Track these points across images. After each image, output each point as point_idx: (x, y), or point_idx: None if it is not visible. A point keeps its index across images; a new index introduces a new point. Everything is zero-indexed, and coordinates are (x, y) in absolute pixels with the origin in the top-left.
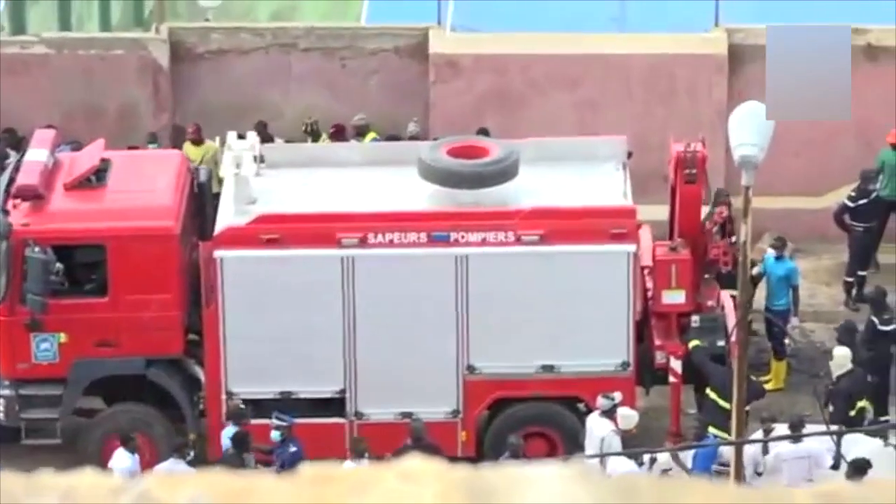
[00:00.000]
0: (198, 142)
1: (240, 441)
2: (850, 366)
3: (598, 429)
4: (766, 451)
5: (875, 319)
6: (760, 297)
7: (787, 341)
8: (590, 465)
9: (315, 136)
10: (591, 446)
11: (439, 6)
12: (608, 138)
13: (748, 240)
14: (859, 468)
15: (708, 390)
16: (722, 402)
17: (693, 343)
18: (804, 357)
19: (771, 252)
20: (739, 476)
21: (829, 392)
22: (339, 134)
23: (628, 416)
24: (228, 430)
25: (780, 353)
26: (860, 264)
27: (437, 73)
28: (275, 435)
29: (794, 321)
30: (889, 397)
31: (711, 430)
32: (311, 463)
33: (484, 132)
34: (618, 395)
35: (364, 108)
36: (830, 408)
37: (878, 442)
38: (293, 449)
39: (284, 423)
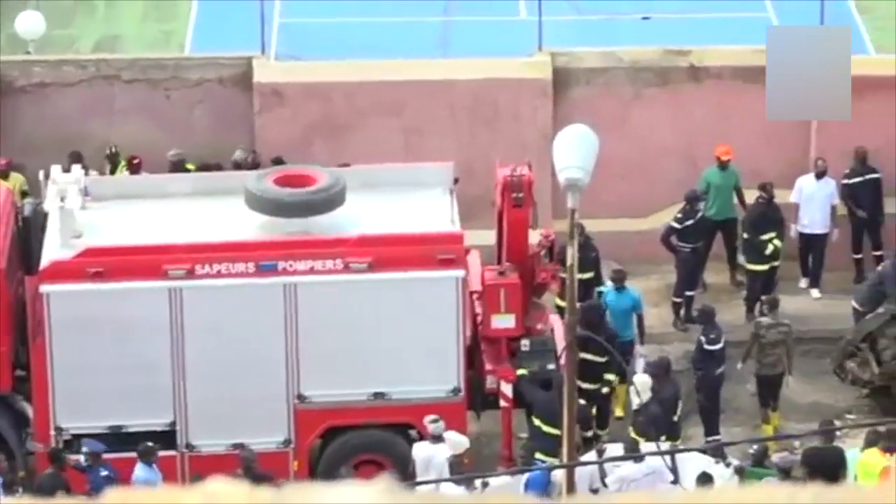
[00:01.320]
0: (4, 174)
1: (55, 458)
2: (650, 394)
3: (439, 454)
4: (603, 474)
5: (703, 339)
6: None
7: (635, 367)
8: (396, 485)
9: (114, 164)
10: (429, 473)
11: (263, 35)
12: (434, 165)
13: (574, 262)
14: (707, 479)
15: (533, 417)
16: (546, 428)
17: (519, 372)
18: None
19: (610, 285)
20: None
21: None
22: (136, 166)
23: (458, 442)
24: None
25: (623, 378)
26: (688, 284)
27: (262, 101)
28: (81, 460)
29: (639, 349)
30: (719, 417)
31: (538, 455)
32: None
33: (279, 162)
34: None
35: (189, 139)
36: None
37: (708, 460)
38: (104, 473)
39: (90, 451)
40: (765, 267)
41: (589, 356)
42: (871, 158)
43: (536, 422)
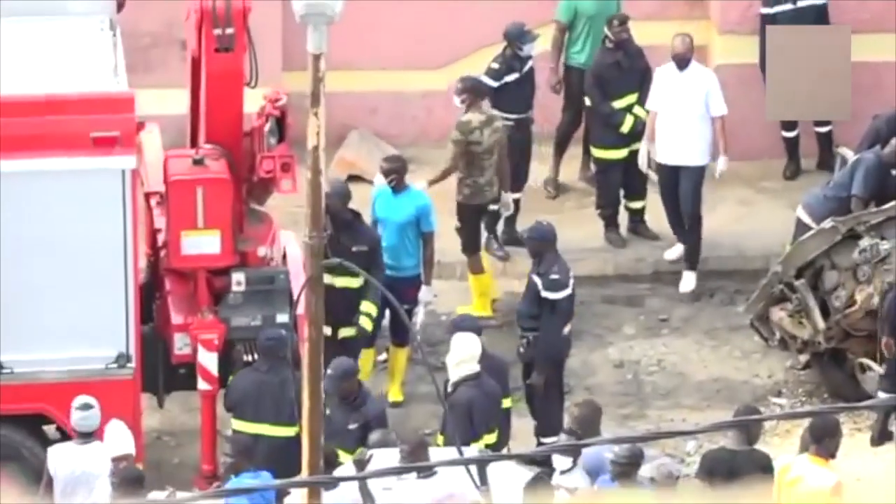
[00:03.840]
0: None
1: None
2: (476, 368)
3: (93, 462)
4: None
5: (535, 278)
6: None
7: (415, 320)
8: None
9: None
10: (77, 495)
11: None
12: None
13: (321, 142)
14: None
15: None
16: (249, 428)
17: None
18: (430, 343)
19: (380, 180)
20: None
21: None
22: None
23: (121, 443)
24: None
25: (399, 339)
26: (512, 181)
27: None
28: None
29: (425, 292)
30: (563, 404)
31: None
32: None
33: None
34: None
35: None
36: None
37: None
38: None
39: None
40: (621, 153)
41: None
42: None
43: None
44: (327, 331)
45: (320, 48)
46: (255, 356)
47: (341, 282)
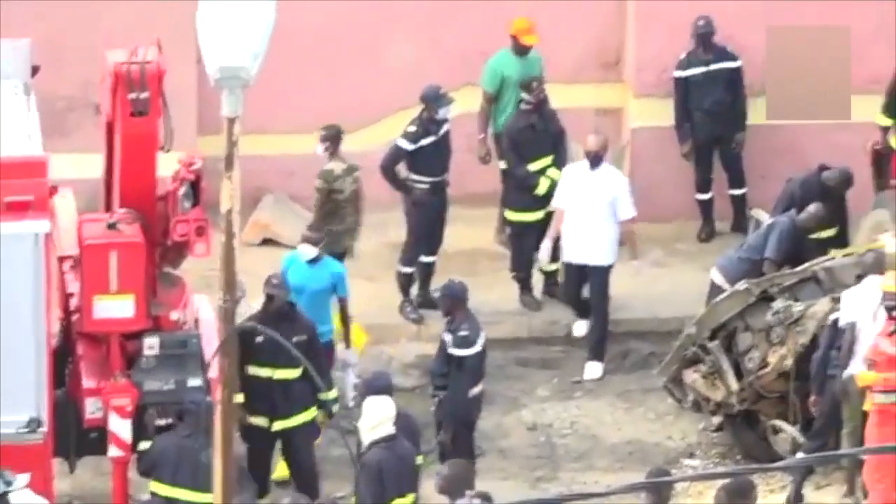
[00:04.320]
0: None
1: None
2: (391, 429)
3: None
4: None
5: (447, 337)
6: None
7: (349, 381)
8: None
9: None
10: None
11: None
12: (6, 41)
13: (235, 205)
14: None
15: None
16: (167, 492)
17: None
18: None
19: (304, 249)
20: None
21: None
22: None
23: None
24: None
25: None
26: (426, 245)
27: None
28: None
29: (350, 355)
30: (474, 465)
31: None
32: None
33: None
34: (20, 479)
35: None
36: None
37: None
38: None
39: None
40: (536, 215)
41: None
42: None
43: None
44: (263, 422)
45: (235, 112)
46: (168, 420)
47: (280, 374)
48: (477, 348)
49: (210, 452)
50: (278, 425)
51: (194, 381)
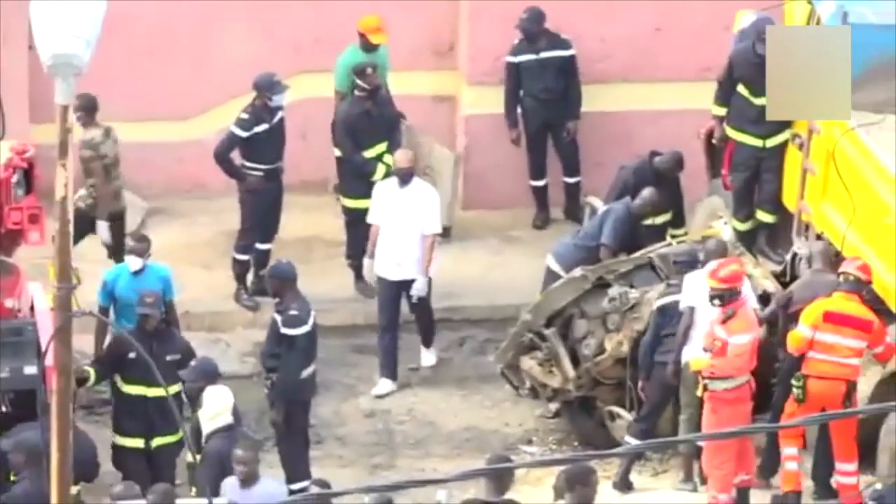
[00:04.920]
0: None
1: None
2: (230, 419)
3: None
4: None
5: (278, 317)
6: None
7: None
8: None
9: None
10: None
11: None
12: None
13: (69, 194)
14: None
15: None
16: None
17: None
18: None
19: (130, 261)
20: None
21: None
22: None
23: None
24: None
25: None
26: (260, 232)
27: None
28: None
29: None
30: (308, 453)
31: None
32: None
33: None
34: None
35: None
36: None
37: None
38: None
39: None
40: (369, 202)
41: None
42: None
43: None
44: (139, 443)
45: (68, 99)
46: (5, 408)
47: (154, 392)
48: (307, 328)
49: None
50: (157, 442)
51: (30, 369)
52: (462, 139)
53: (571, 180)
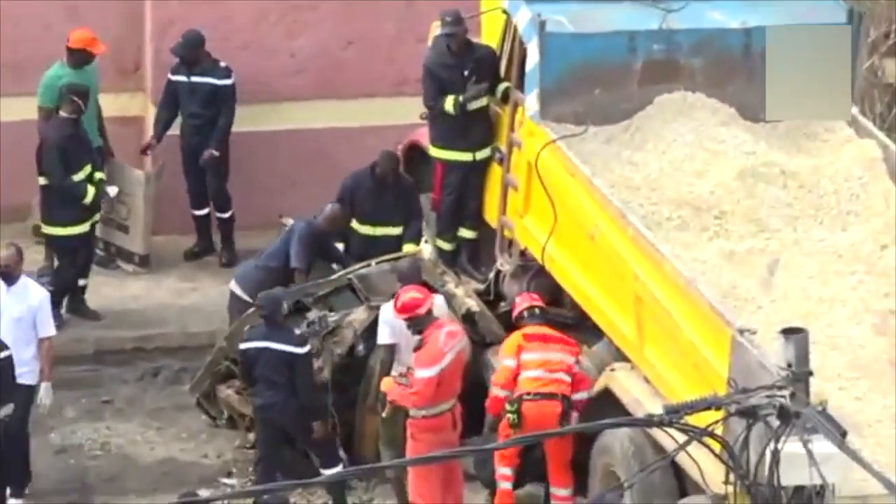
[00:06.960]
0: None
1: None
2: None
3: None
4: None
5: None
6: None
7: None
8: None
9: None
10: None
11: None
12: None
13: None
14: None
15: None
16: None
17: None
18: None
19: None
20: None
21: None
22: None
23: None
24: None
25: None
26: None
27: None
28: None
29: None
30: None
31: None
32: None
33: None
34: None
35: None
36: None
37: None
38: None
39: None
40: (83, 227)
41: None
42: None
43: None
44: None
45: None
46: None
47: None
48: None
49: None
50: None
51: None
52: (150, 161)
53: (222, 216)
